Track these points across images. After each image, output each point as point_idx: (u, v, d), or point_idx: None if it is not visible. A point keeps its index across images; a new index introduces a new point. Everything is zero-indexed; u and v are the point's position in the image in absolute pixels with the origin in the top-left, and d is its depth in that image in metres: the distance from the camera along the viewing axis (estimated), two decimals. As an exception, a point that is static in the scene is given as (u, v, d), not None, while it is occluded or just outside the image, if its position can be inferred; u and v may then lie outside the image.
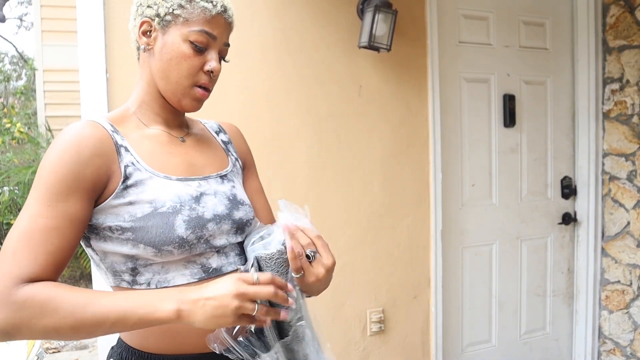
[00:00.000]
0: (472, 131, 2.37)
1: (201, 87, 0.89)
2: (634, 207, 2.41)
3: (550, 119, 2.53)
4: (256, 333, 0.80)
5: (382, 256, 2.19)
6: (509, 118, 2.41)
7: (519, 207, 2.50)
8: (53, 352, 3.48)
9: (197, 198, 0.86)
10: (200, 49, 0.87)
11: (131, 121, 0.91)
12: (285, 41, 2.00)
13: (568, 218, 2.56)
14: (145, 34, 0.89)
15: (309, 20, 2.03)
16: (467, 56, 2.35)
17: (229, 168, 0.98)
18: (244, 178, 1.05)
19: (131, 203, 0.81)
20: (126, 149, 0.84)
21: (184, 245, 0.82)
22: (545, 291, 2.57)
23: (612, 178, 2.50)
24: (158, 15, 0.87)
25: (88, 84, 1.74)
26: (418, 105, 2.22)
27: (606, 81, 2.50)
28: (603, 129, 2.52)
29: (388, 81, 2.17)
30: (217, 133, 1.05)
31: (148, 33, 0.89)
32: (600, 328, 2.57)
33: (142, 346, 0.86)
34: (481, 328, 2.46)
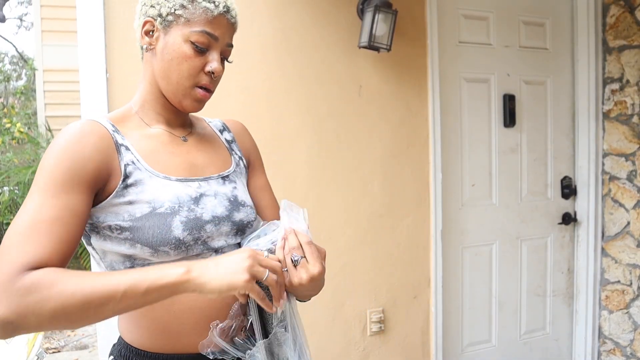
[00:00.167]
0: (472, 131, 2.37)
1: (202, 88, 0.89)
2: (634, 207, 2.41)
3: (550, 119, 2.53)
4: (247, 334, 0.81)
5: (382, 256, 2.20)
6: (509, 118, 2.41)
7: (519, 207, 2.50)
8: (53, 352, 3.48)
9: (197, 199, 0.86)
10: (201, 50, 0.86)
11: (133, 121, 0.91)
12: (285, 41, 2.00)
13: (568, 218, 2.56)
14: (147, 34, 0.89)
15: (309, 20, 2.03)
16: (467, 56, 2.35)
17: (232, 168, 0.98)
18: (249, 175, 1.04)
19: (131, 202, 0.81)
20: (127, 148, 0.84)
21: (181, 246, 0.82)
22: (545, 291, 2.57)
23: (612, 178, 2.50)
24: (160, 15, 0.87)
25: (88, 84, 1.74)
26: (418, 105, 2.23)
27: (606, 81, 2.50)
28: (603, 129, 2.52)
29: (388, 81, 2.17)
30: (221, 132, 1.04)
31: (150, 33, 0.89)
32: (600, 328, 2.57)
33: (141, 344, 0.86)
34: (481, 328, 2.46)
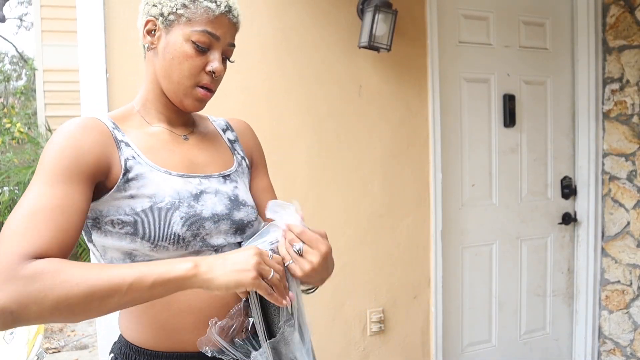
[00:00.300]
0: (472, 131, 2.37)
1: (203, 88, 0.89)
2: (634, 207, 2.41)
3: (550, 119, 2.53)
4: (249, 335, 0.81)
5: (382, 256, 2.20)
6: (509, 118, 2.41)
7: (519, 207, 2.50)
8: (53, 352, 3.48)
9: (197, 196, 0.86)
10: (202, 49, 0.86)
11: (134, 119, 0.91)
12: (285, 41, 2.00)
13: (568, 218, 2.56)
14: (149, 33, 0.90)
15: (309, 20, 2.04)
16: (467, 56, 2.35)
17: (233, 168, 0.98)
18: (252, 175, 1.04)
19: (132, 197, 0.82)
20: (126, 144, 0.85)
21: (179, 241, 0.82)
22: (545, 291, 2.57)
23: (612, 178, 2.50)
24: (162, 14, 0.87)
25: (88, 84, 1.74)
26: (418, 105, 2.23)
27: (606, 81, 2.50)
28: (603, 129, 2.52)
29: (388, 81, 2.17)
30: (224, 131, 1.04)
31: (152, 32, 0.89)
32: (600, 328, 2.57)
33: (141, 342, 0.86)
34: (481, 328, 2.46)
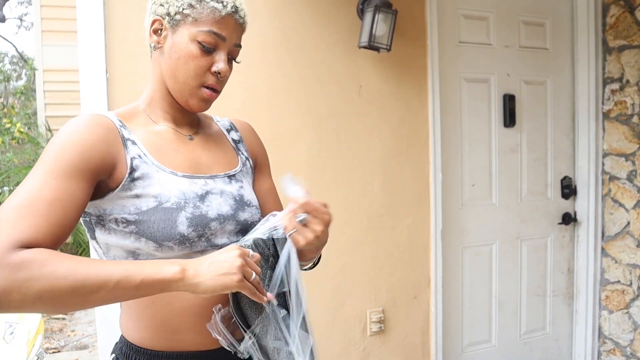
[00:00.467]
0: (472, 131, 2.37)
1: (209, 88, 0.89)
2: (634, 207, 2.41)
3: (550, 119, 2.53)
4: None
5: (382, 256, 2.20)
6: (509, 118, 2.41)
7: (519, 207, 2.50)
8: (53, 352, 3.48)
9: (202, 196, 0.87)
10: (208, 50, 0.86)
11: (140, 117, 0.91)
12: (285, 41, 2.00)
13: (568, 218, 2.57)
14: (156, 32, 0.90)
15: (309, 20, 2.03)
16: (467, 56, 2.35)
17: (238, 168, 0.98)
18: (255, 177, 1.05)
19: (137, 196, 0.82)
20: (133, 142, 0.85)
21: (185, 242, 0.82)
22: (545, 291, 2.57)
23: (612, 178, 2.50)
24: (168, 14, 0.87)
25: (88, 84, 1.74)
26: (418, 105, 2.23)
27: (606, 81, 2.50)
28: (603, 129, 2.52)
29: (388, 81, 2.17)
30: (229, 131, 1.05)
31: (159, 31, 0.89)
32: (600, 328, 2.57)
33: (141, 342, 0.87)
34: (481, 328, 2.46)
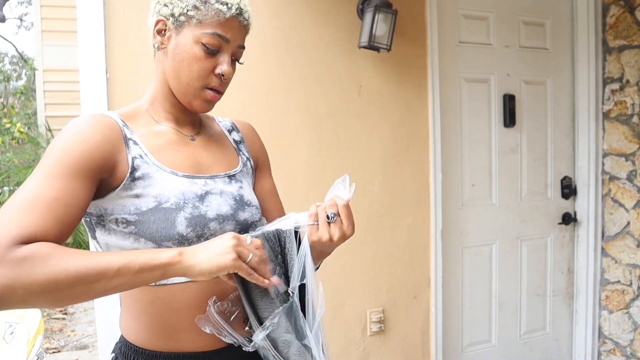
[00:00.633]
0: (472, 131, 2.37)
1: (212, 89, 0.89)
2: (634, 207, 2.41)
3: (550, 119, 2.53)
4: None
5: (382, 256, 2.19)
6: (509, 118, 2.41)
7: (519, 207, 2.50)
8: (53, 352, 3.48)
9: (202, 197, 0.87)
10: (212, 52, 0.87)
11: (142, 117, 0.92)
12: (285, 41, 2.00)
13: (568, 218, 2.56)
14: (159, 33, 0.90)
15: (309, 19, 2.03)
16: (467, 56, 2.35)
17: (239, 168, 0.98)
18: (257, 178, 1.05)
19: (137, 196, 0.82)
20: (135, 142, 0.85)
21: (184, 242, 0.82)
22: (545, 291, 2.57)
23: (612, 178, 2.50)
24: (173, 15, 0.87)
25: (88, 84, 1.74)
26: (418, 105, 2.23)
27: (606, 81, 2.50)
28: (603, 129, 2.52)
29: (388, 81, 2.17)
30: (230, 132, 1.05)
31: (163, 32, 0.89)
32: (600, 328, 2.57)
33: (141, 343, 0.87)
34: (481, 328, 2.46)
